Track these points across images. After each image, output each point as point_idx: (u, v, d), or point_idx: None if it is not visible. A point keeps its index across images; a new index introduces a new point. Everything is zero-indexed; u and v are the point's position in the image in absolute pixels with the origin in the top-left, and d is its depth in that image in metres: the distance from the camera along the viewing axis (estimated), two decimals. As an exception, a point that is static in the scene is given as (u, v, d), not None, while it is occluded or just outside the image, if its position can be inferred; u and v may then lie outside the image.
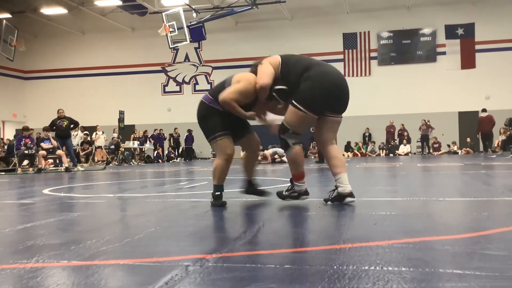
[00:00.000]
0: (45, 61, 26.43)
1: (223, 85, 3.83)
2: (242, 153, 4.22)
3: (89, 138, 18.17)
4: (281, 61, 3.71)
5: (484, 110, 18.51)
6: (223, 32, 23.84)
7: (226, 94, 3.68)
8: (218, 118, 3.80)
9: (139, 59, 25.34)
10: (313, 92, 3.54)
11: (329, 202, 3.71)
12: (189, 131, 21.81)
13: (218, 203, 3.81)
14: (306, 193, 3.81)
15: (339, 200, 3.67)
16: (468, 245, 2.18)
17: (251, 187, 4.21)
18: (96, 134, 19.64)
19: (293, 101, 3.59)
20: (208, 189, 5.64)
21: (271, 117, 3.97)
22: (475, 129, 18.81)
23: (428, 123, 20.53)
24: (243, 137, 4.01)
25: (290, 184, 3.90)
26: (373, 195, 4.59)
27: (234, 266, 1.88)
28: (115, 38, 25.55)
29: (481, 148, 19.45)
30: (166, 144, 22.48)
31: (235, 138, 3.93)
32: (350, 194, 3.66)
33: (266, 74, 3.62)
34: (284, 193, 3.90)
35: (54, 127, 12.77)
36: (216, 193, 3.85)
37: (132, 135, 20.41)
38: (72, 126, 13.07)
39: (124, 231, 2.91)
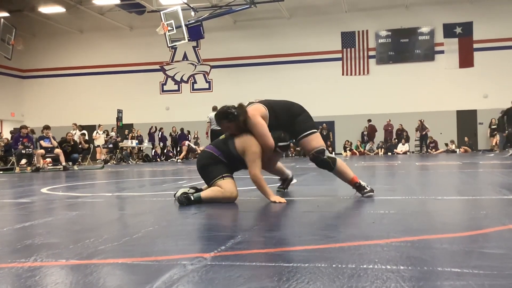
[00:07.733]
0: (43, 60, 26.39)
1: (226, 143, 4.00)
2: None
3: (86, 138, 18.08)
4: (268, 111, 4.07)
5: (369, 121, 22.08)
6: (222, 31, 23.83)
7: (256, 171, 3.90)
8: (223, 165, 3.96)
9: (137, 57, 25.32)
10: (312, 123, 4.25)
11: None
12: (182, 129, 21.69)
13: (183, 200, 3.77)
14: (371, 189, 4.12)
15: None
16: (466, 244, 2.19)
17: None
18: (98, 133, 19.59)
19: (313, 130, 4.16)
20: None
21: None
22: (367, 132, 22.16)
23: (423, 122, 20.63)
24: None
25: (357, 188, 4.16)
26: (371, 193, 4.58)
27: (233, 264, 1.88)
28: (113, 36, 25.52)
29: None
30: (163, 142, 22.45)
31: None
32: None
33: (266, 135, 3.95)
34: (362, 192, 4.11)
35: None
36: (193, 198, 3.79)
37: (130, 135, 20.33)
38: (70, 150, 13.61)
39: (123, 230, 2.91)
